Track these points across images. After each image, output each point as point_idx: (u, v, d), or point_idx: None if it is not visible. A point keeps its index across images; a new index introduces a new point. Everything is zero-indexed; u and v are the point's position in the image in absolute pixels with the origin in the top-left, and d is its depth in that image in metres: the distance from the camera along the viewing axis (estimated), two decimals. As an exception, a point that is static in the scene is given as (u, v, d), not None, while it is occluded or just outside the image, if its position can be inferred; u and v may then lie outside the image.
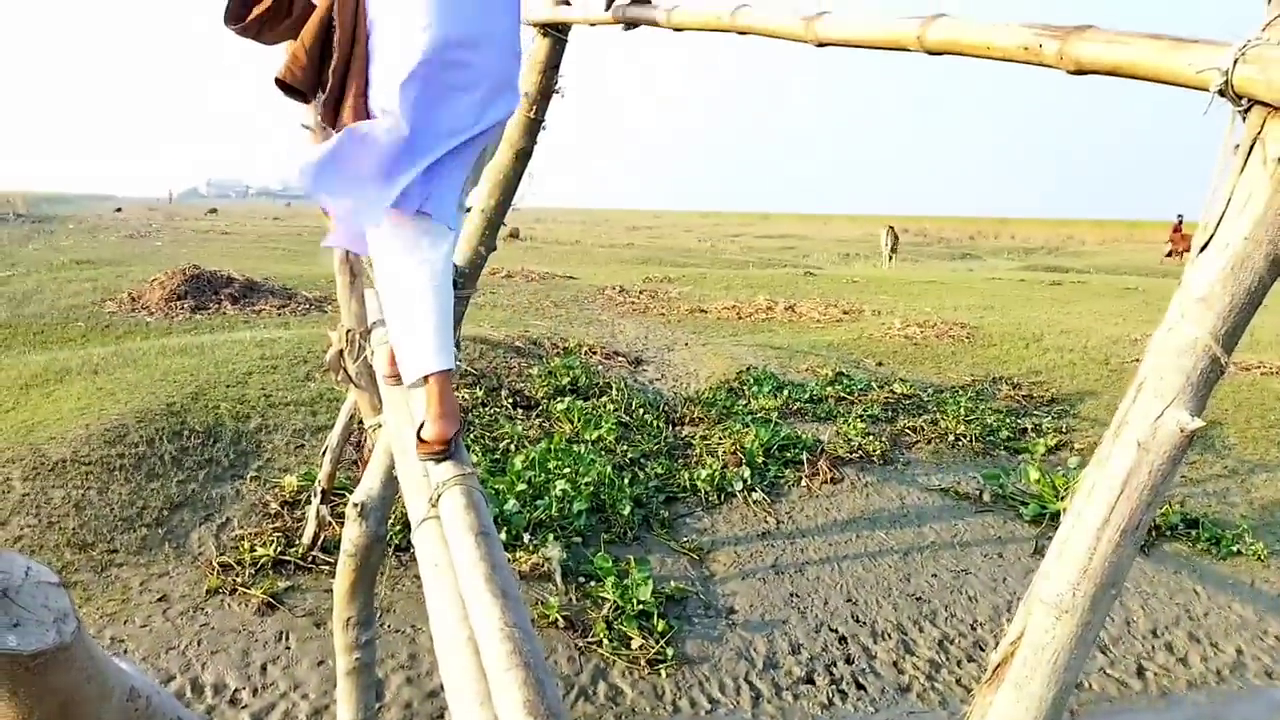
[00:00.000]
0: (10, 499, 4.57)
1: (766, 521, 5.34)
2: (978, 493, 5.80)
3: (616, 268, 16.71)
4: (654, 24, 2.23)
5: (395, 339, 2.60)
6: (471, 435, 5.92)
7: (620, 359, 8.22)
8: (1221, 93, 0.91)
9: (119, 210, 42.84)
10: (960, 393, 7.42)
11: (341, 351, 2.84)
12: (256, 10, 2.82)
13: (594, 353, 8.26)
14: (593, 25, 2.61)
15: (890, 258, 19.37)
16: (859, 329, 9.84)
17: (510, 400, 6.60)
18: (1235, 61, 0.89)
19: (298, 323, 8.87)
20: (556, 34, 2.69)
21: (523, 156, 2.78)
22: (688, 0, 1.97)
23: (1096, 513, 0.97)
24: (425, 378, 2.47)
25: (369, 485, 2.77)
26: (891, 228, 19.67)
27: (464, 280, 2.69)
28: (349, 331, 2.85)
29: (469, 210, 2.88)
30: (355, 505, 2.71)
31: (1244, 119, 0.92)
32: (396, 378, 2.60)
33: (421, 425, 2.49)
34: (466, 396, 6.51)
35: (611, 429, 6.18)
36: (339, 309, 3.38)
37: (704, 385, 7.61)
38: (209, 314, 9.07)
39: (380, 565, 3.11)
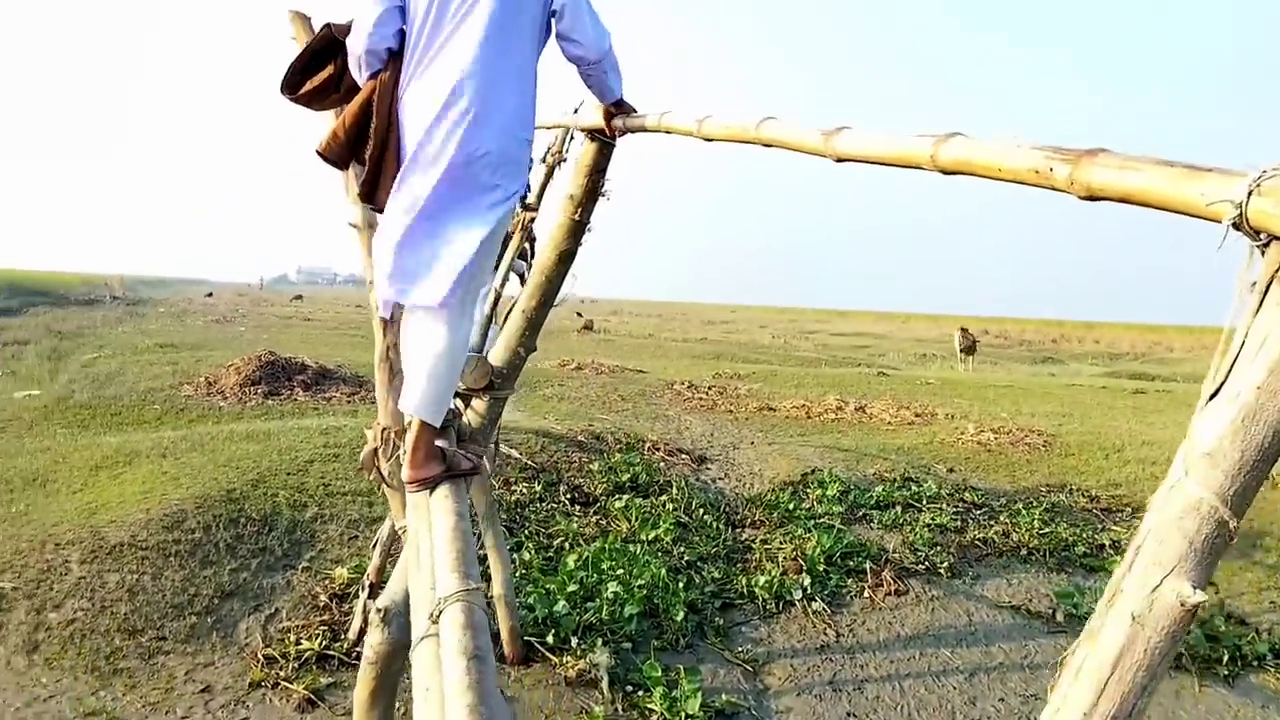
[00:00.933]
0: (67, 581, 4.63)
1: (826, 634, 5.14)
2: (1050, 612, 5.51)
3: (688, 363, 16.70)
4: (687, 134, 2.26)
5: (406, 375, 2.89)
6: (526, 531, 5.86)
7: (684, 456, 8.12)
8: (1236, 226, 0.82)
9: (209, 295, 44.49)
10: (1034, 504, 7.14)
11: (376, 450, 2.83)
12: (309, 85, 3.27)
13: (657, 449, 8.18)
14: (642, 132, 2.65)
15: (965, 359, 18.99)
16: (930, 433, 9.60)
17: (568, 496, 6.54)
18: (1250, 193, 0.80)
19: (366, 410, 8.98)
20: (604, 139, 2.72)
21: (566, 258, 2.78)
22: (718, 113, 2.00)
23: (1083, 697, 0.86)
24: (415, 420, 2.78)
25: (394, 590, 2.71)
26: (965, 329, 19.29)
27: (501, 380, 2.67)
28: (384, 430, 2.84)
29: (509, 310, 2.93)
30: (379, 610, 2.65)
31: (1261, 254, 0.83)
32: (418, 483, 2.70)
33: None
34: (524, 491, 6.47)
35: (669, 529, 6.07)
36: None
37: (767, 486, 7.46)
38: (280, 400, 9.25)
39: (402, 674, 3.03)
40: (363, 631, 4.63)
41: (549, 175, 4.72)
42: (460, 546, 1.87)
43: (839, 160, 1.58)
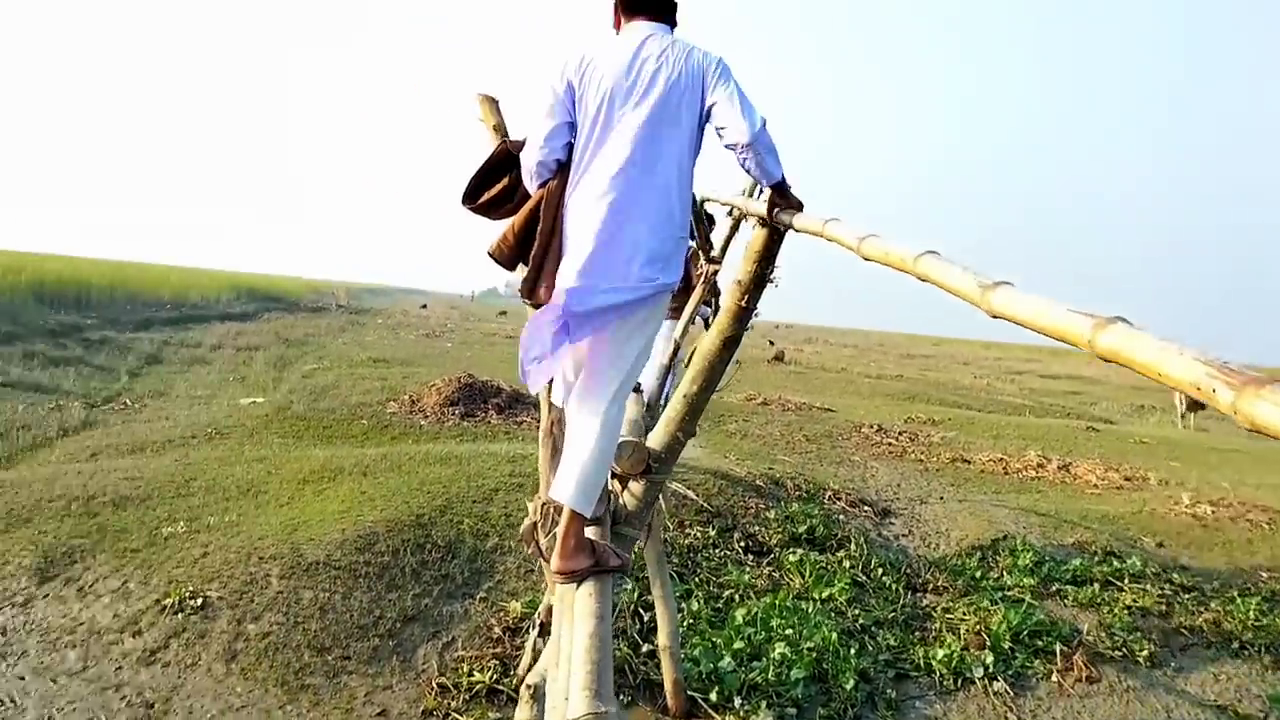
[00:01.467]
0: (266, 595, 4.95)
1: (1007, 718, 4.86)
2: (1262, 715, 5.01)
3: (879, 402, 16.23)
4: (847, 248, 2.22)
5: (563, 460, 3.05)
6: (697, 578, 5.83)
7: (866, 508, 7.89)
8: None
9: (424, 307, 46.95)
10: (1252, 590, 6.50)
11: (536, 524, 2.87)
12: (486, 196, 3.61)
13: (838, 498, 7.98)
14: (796, 231, 2.61)
15: (1187, 416, 17.54)
16: (1140, 500, 8.92)
17: (742, 544, 6.47)
18: None
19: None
20: (775, 226, 2.68)
21: (731, 344, 2.75)
22: (882, 237, 1.95)
23: None
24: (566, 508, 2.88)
25: (543, 669, 2.74)
26: None
27: (659, 464, 2.66)
28: (545, 505, 2.89)
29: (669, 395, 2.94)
30: (528, 687, 2.69)
31: None
32: (564, 575, 2.78)
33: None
34: (698, 535, 6.45)
35: (845, 589, 5.89)
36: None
37: (954, 548, 7.14)
38: (475, 422, 9.62)
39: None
40: (531, 669, 4.75)
41: (734, 229, 4.73)
42: (596, 659, 1.85)
43: (993, 316, 1.54)
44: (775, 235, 2.69)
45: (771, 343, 35.02)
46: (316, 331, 21.94)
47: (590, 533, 2.86)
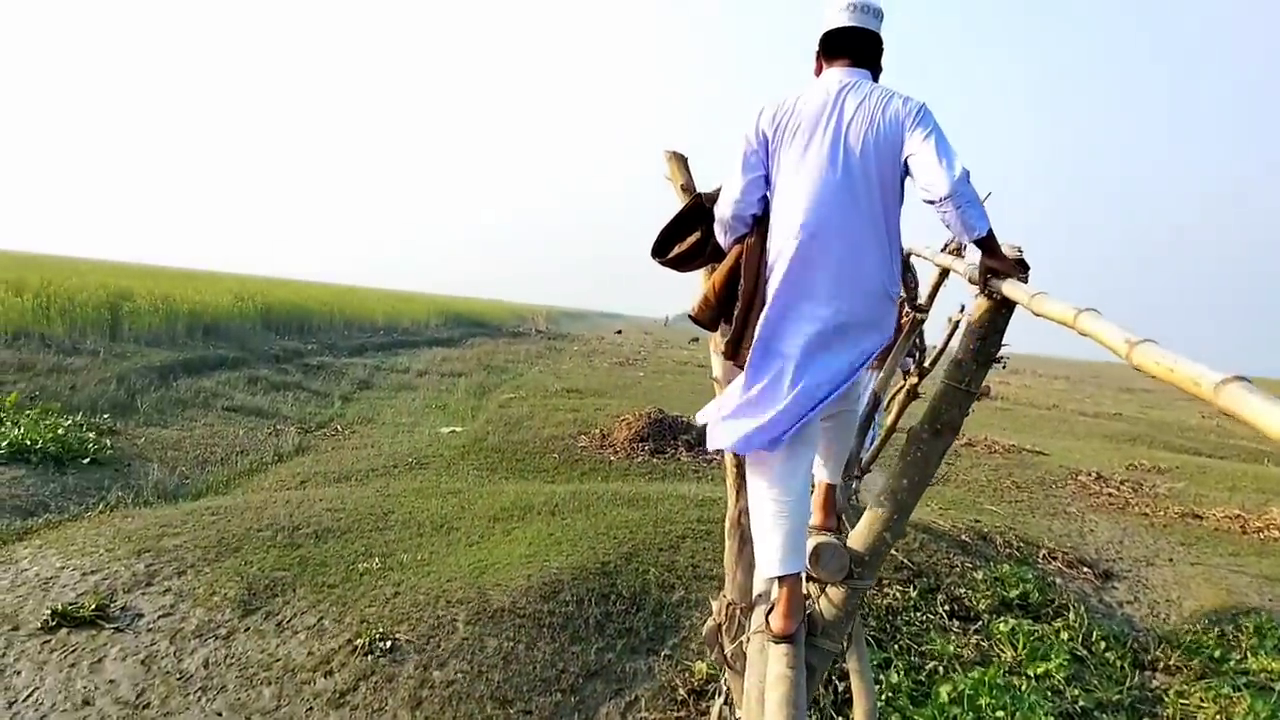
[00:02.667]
0: (453, 640, 4.93)
1: (1255, 832, 4.24)
2: None
3: (1097, 445, 15.05)
4: (1025, 307, 1.97)
5: (755, 541, 3.02)
6: (896, 645, 5.43)
7: (1085, 570, 7.22)
8: None
9: (619, 332, 47.65)
10: None
11: (720, 626, 2.64)
12: (677, 250, 3.55)
13: (1053, 557, 7.35)
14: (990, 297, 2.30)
15: None
16: None
17: (947, 608, 6.00)
18: None
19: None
20: (1001, 299, 2.36)
21: (946, 431, 2.44)
22: (1098, 315, 1.84)
23: None
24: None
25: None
26: None
27: (861, 570, 2.38)
28: (730, 605, 2.65)
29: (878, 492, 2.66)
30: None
31: None
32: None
33: (770, 610, 2.83)
34: (898, 596, 6.03)
35: (1063, 664, 5.35)
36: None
37: (1186, 620, 6.40)
38: (664, 459, 9.49)
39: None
40: (716, 739, 4.50)
41: (942, 276, 4.38)
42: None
43: (1135, 368, 1.68)
44: (1004, 308, 2.36)
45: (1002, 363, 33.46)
46: (515, 358, 22.55)
47: (783, 652, 2.65)
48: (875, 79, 3.27)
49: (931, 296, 4.69)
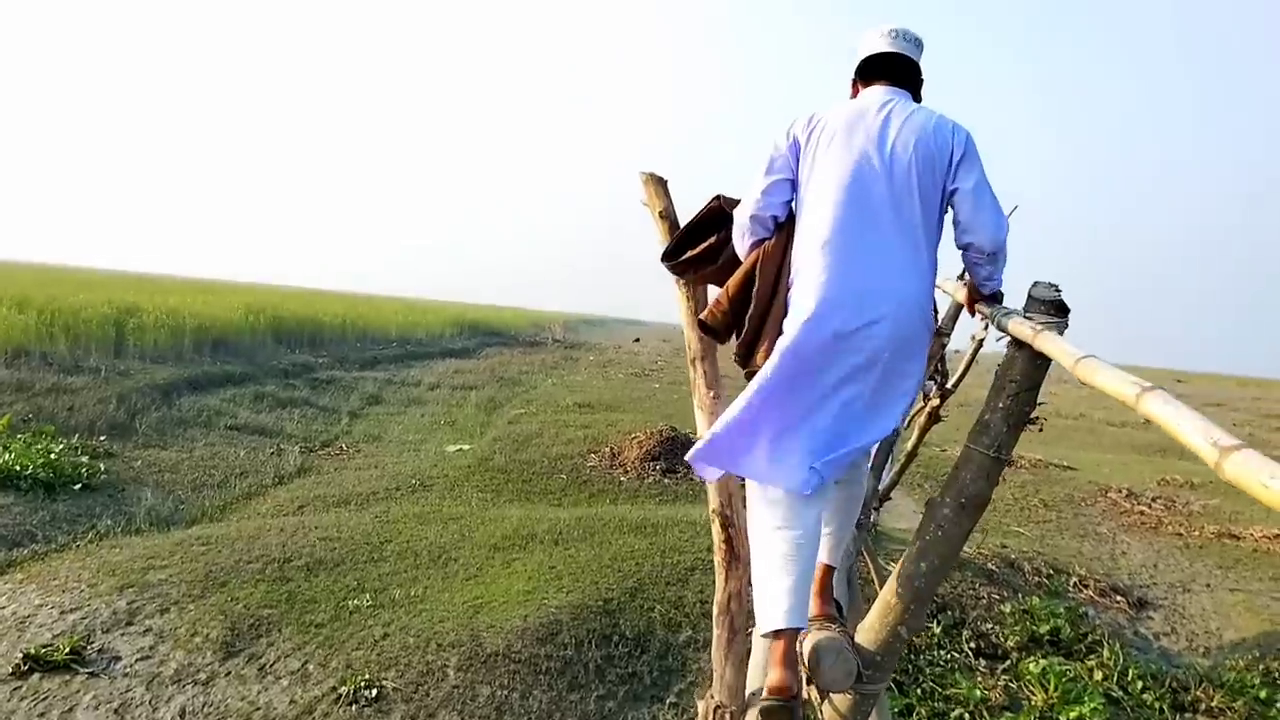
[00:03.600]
0: (443, 688, 4.61)
1: None
2: None
3: (1127, 458, 14.58)
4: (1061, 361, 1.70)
5: (755, 588, 2.82)
6: (919, 688, 5.08)
7: (1119, 599, 6.83)
8: None
9: (637, 340, 47.25)
10: None
11: (706, 734, 2.32)
12: (689, 254, 3.35)
13: (1085, 585, 6.96)
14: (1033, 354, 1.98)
15: None
16: None
17: (972, 645, 5.65)
18: None
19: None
20: (1034, 348, 2.03)
21: (974, 508, 2.10)
22: (1101, 362, 1.72)
23: None
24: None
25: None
26: None
27: (872, 670, 2.04)
28: (718, 709, 2.32)
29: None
30: None
31: None
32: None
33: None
34: (919, 635, 5.67)
35: (1097, 709, 4.97)
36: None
37: (1228, 654, 6.01)
38: (676, 479, 9.15)
39: None
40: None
41: (960, 308, 4.06)
42: None
43: (1145, 421, 1.57)
44: (1036, 362, 2.03)
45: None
46: (530, 369, 22.26)
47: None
48: (912, 100, 3.07)
49: (953, 320, 4.37)
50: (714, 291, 3.26)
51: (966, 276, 3.11)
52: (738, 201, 3.19)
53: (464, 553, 6.44)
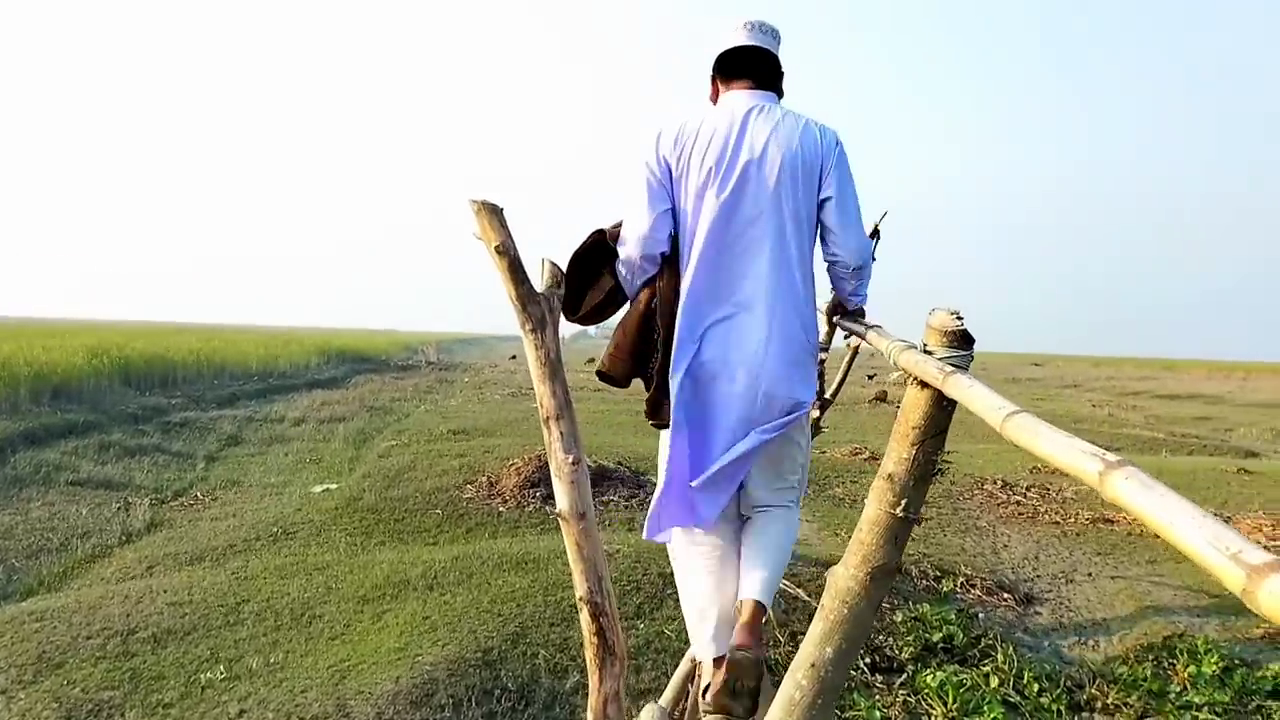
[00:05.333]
0: (307, 770, 4.18)
1: None
2: None
3: (997, 446, 14.86)
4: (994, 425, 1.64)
5: (689, 622, 3.16)
6: (818, 714, 4.88)
7: (1006, 596, 6.81)
8: None
9: (513, 358, 46.61)
10: None
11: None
12: (590, 301, 3.20)
13: (972, 584, 6.92)
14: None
15: None
16: (1329, 567, 7.62)
17: (867, 660, 5.48)
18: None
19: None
20: (930, 385, 1.81)
21: (883, 577, 1.86)
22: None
23: None
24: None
25: None
26: None
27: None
28: None
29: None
30: None
31: None
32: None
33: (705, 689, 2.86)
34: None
35: (998, 718, 4.87)
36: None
37: (1117, 646, 6.03)
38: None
39: None
40: None
41: (835, 327, 3.91)
42: None
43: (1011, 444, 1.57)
44: (940, 406, 1.81)
45: (871, 376, 33.64)
46: (403, 395, 21.53)
47: None
48: (778, 102, 3.01)
49: (829, 334, 4.21)
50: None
51: (830, 289, 3.11)
52: (618, 232, 3.07)
53: (330, 608, 5.97)
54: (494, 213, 2.17)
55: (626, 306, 3.32)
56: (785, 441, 3.10)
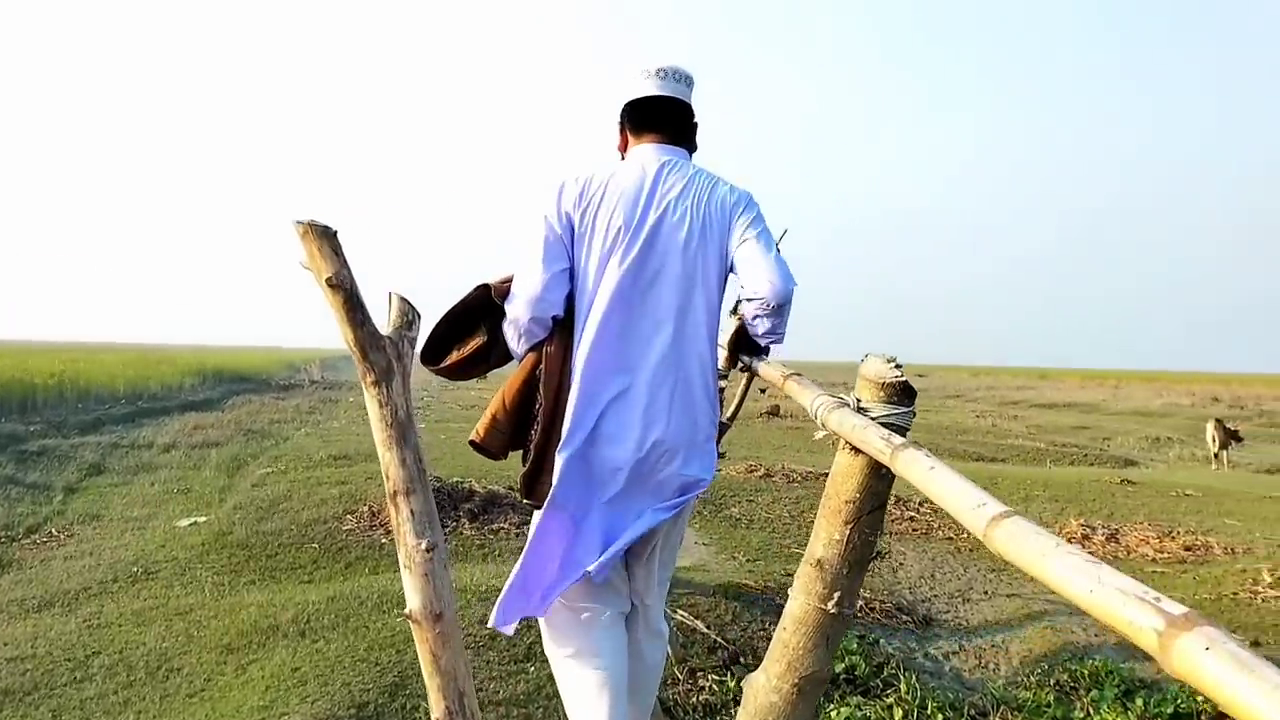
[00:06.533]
0: None
1: None
2: None
3: (888, 460, 15.00)
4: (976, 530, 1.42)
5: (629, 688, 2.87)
6: (721, 760, 4.63)
7: (905, 619, 6.69)
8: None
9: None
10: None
11: None
12: (455, 355, 2.96)
13: (871, 608, 6.78)
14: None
15: (1220, 457, 16.23)
16: (1212, 579, 7.74)
17: (770, 697, 5.26)
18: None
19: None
20: (863, 451, 1.56)
21: (814, 686, 1.59)
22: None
23: None
24: None
25: None
26: (1219, 422, 16.43)
27: None
28: None
29: None
30: None
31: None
32: None
33: None
34: (714, 687, 5.23)
35: (904, 754, 4.69)
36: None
37: (1017, 669, 5.94)
38: (445, 534, 8.37)
39: None
40: None
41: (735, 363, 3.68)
42: None
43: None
44: (880, 471, 1.55)
45: (763, 391, 33.88)
46: (283, 417, 20.62)
47: None
48: (689, 158, 2.81)
49: (728, 366, 3.98)
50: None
51: (736, 316, 2.87)
52: (507, 288, 2.83)
53: (190, 659, 5.46)
54: (325, 237, 1.81)
55: (505, 366, 3.11)
56: (676, 521, 2.94)
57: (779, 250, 2.64)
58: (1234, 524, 9.85)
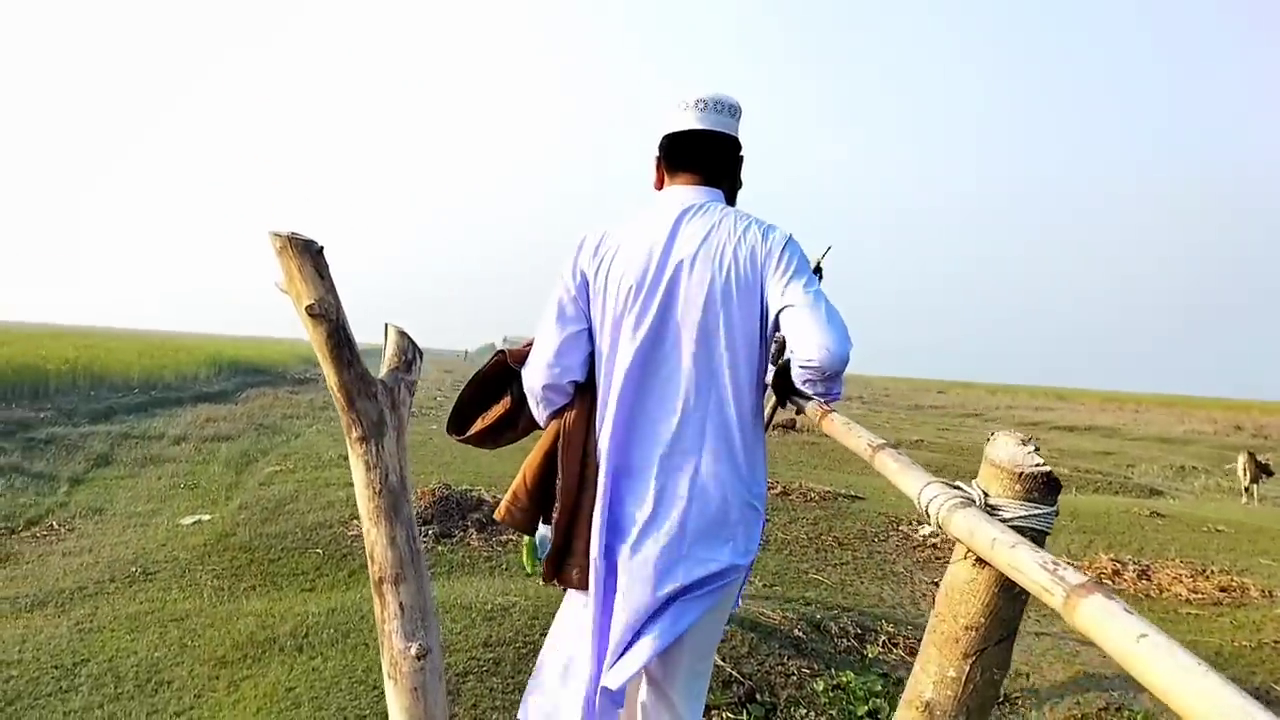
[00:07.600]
0: None
1: None
2: None
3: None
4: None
5: None
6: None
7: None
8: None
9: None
10: None
11: None
12: (480, 424, 2.85)
13: (895, 643, 6.49)
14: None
15: (1249, 489, 15.80)
16: (1251, 623, 7.40)
17: (787, 739, 4.98)
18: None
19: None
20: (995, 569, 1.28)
21: None
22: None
23: None
24: None
25: None
26: (1252, 455, 15.97)
27: None
28: None
29: None
30: None
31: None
32: None
33: None
34: (732, 728, 4.96)
35: (929, 808, 4.39)
36: None
37: (1047, 713, 5.64)
38: (452, 544, 8.13)
39: None
40: None
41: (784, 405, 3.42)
42: None
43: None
44: (1013, 590, 1.28)
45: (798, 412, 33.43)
46: (295, 412, 20.46)
47: None
48: (731, 199, 2.53)
49: (773, 409, 3.73)
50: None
51: (786, 359, 2.54)
52: (525, 353, 2.69)
53: (181, 671, 5.22)
54: (308, 254, 1.51)
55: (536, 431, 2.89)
56: (711, 612, 2.56)
57: (829, 302, 2.30)
58: (1269, 564, 9.48)
